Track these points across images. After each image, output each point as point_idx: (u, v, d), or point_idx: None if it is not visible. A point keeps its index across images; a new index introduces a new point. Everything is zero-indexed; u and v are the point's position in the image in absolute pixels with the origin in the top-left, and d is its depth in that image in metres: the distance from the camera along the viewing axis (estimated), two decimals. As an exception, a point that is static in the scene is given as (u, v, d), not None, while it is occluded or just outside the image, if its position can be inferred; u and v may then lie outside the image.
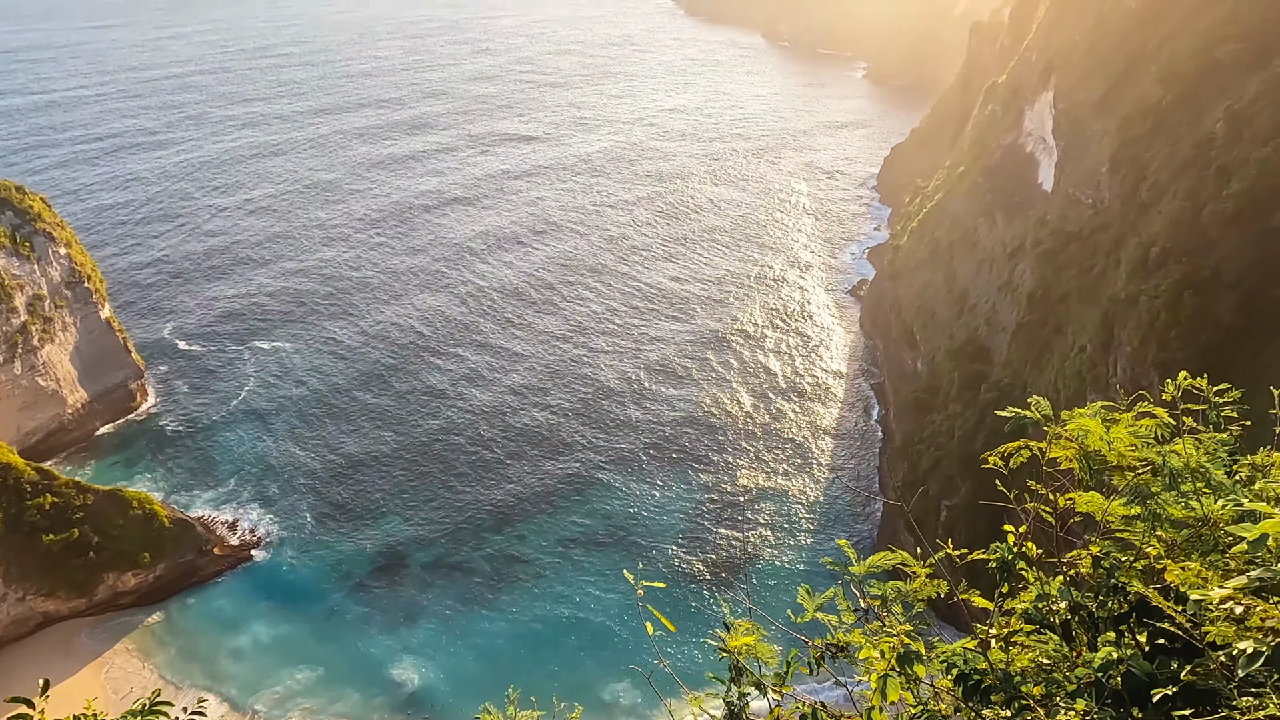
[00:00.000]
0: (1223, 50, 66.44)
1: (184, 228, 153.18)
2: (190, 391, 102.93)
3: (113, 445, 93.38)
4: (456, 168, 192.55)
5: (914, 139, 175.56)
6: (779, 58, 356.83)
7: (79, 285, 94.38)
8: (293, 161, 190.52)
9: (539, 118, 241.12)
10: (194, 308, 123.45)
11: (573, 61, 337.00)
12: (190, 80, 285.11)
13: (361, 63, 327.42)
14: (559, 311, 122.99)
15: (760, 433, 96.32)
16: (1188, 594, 4.32)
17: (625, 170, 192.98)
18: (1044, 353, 73.54)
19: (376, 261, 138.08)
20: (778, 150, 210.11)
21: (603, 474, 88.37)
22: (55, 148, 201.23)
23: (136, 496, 75.07)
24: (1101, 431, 5.35)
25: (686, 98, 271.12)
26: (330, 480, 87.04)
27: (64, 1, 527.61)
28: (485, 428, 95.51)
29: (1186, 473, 5.20)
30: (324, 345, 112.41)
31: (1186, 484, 5.15)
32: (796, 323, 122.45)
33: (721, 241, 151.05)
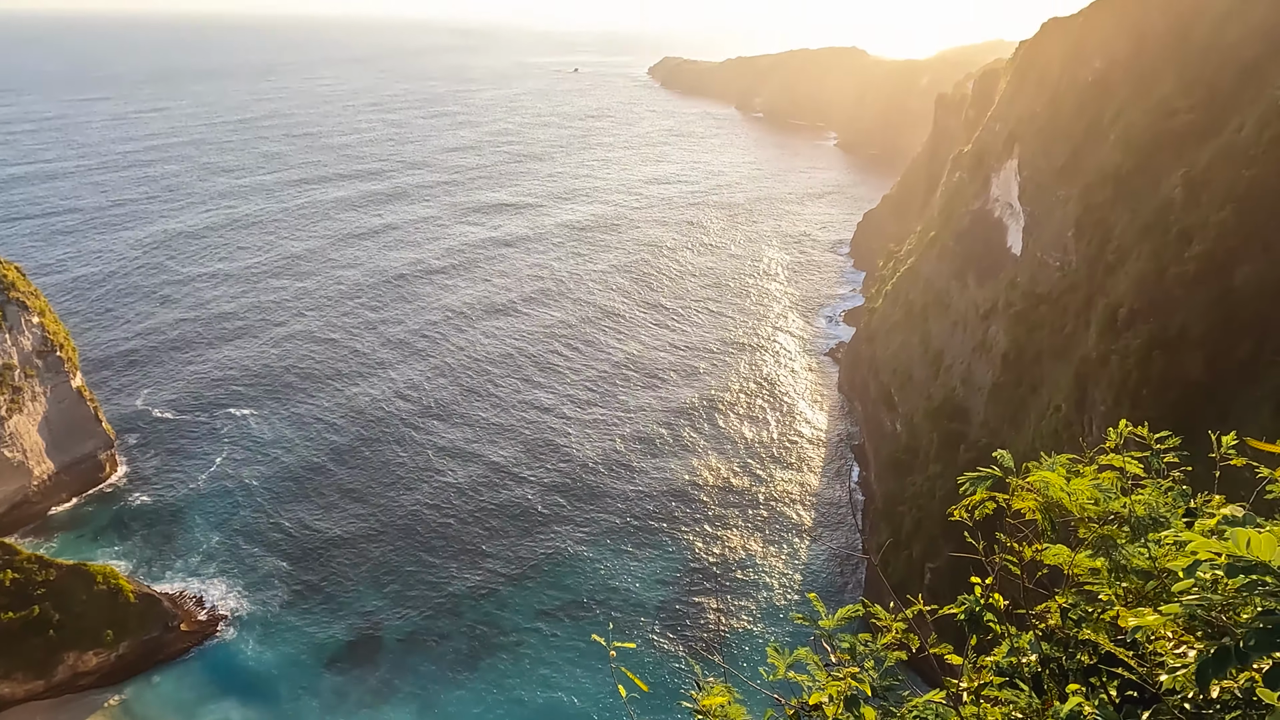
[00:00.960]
0: (1175, 121, 69.34)
1: (159, 298, 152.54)
2: (161, 462, 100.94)
3: (80, 518, 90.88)
4: (434, 238, 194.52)
5: (885, 205, 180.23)
6: (753, 128, 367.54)
7: (51, 354, 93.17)
8: (270, 233, 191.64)
9: (517, 188, 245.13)
10: (168, 378, 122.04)
11: (551, 133, 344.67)
12: (170, 152, 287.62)
13: (341, 135, 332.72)
14: (536, 382, 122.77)
15: (740, 499, 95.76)
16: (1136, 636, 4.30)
17: (603, 240, 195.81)
18: (1020, 412, 74.29)
19: (353, 332, 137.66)
20: (753, 218, 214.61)
21: (580, 546, 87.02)
22: (32, 219, 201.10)
23: (101, 571, 72.76)
24: (1061, 483, 5.39)
25: (663, 168, 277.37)
26: (302, 554, 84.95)
27: (51, 75, 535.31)
28: (461, 501, 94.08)
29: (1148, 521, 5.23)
30: (298, 416, 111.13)
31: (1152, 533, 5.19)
32: (775, 387, 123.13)
33: (699, 309, 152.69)
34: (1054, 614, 5.13)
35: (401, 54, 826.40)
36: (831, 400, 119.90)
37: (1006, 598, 5.49)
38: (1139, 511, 5.27)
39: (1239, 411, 47.99)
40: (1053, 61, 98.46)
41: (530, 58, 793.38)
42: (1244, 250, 54.73)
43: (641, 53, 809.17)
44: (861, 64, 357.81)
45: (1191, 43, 75.39)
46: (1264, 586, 3.65)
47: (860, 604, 5.97)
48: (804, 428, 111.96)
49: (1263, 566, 3.66)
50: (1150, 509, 5.30)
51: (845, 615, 5.89)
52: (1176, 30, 78.75)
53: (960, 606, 5.44)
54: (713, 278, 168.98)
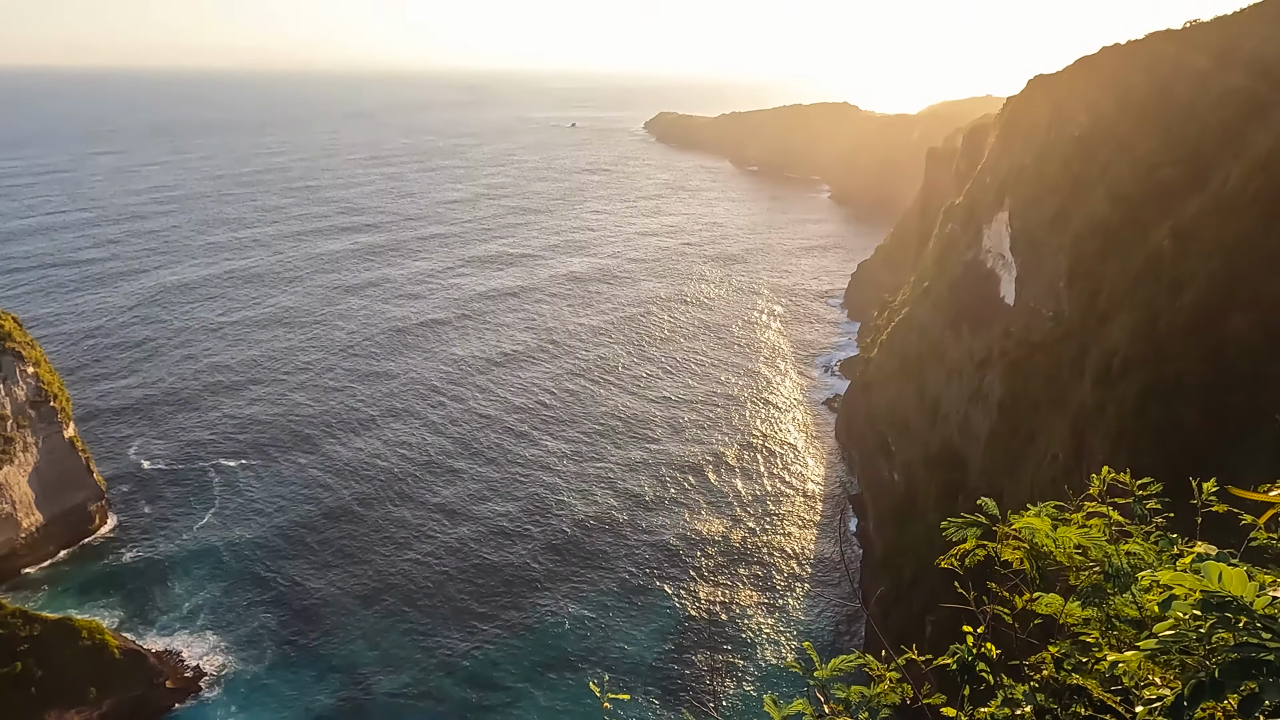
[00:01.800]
0: (1161, 173, 70.64)
1: (155, 350, 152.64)
2: (151, 515, 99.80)
3: (67, 571, 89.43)
4: (429, 292, 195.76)
5: (879, 256, 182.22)
6: (747, 181, 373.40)
7: (44, 405, 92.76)
8: (266, 285, 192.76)
9: (513, 241, 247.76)
10: (161, 429, 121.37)
11: (548, 186, 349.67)
12: (169, 206, 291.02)
13: (341, 188, 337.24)
14: (530, 437, 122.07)
15: (737, 552, 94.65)
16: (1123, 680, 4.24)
17: (598, 292, 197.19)
18: (1018, 461, 74.02)
19: (347, 386, 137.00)
20: (749, 269, 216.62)
21: (573, 603, 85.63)
22: (31, 270, 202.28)
23: (87, 626, 71.34)
24: (1047, 528, 5.37)
25: (659, 220, 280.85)
26: (291, 610, 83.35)
27: (55, 130, 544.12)
28: (453, 558, 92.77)
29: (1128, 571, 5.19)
30: (290, 470, 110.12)
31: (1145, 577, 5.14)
32: (771, 438, 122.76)
33: (695, 361, 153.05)
34: (1048, 664, 5.07)
35: (401, 109, 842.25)
36: (829, 450, 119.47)
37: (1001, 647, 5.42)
38: (1121, 562, 5.23)
39: (1236, 461, 47.87)
40: (1040, 117, 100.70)
41: (528, 113, 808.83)
42: (1234, 300, 55.26)
43: (638, 108, 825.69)
44: (853, 118, 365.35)
45: (1173, 101, 77.28)
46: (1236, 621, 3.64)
47: (854, 654, 5.88)
48: (801, 479, 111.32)
49: (1236, 603, 3.66)
50: (1134, 558, 5.27)
51: (839, 665, 5.80)
52: (1157, 89, 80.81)
53: (952, 657, 5.35)
54: (708, 329, 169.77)
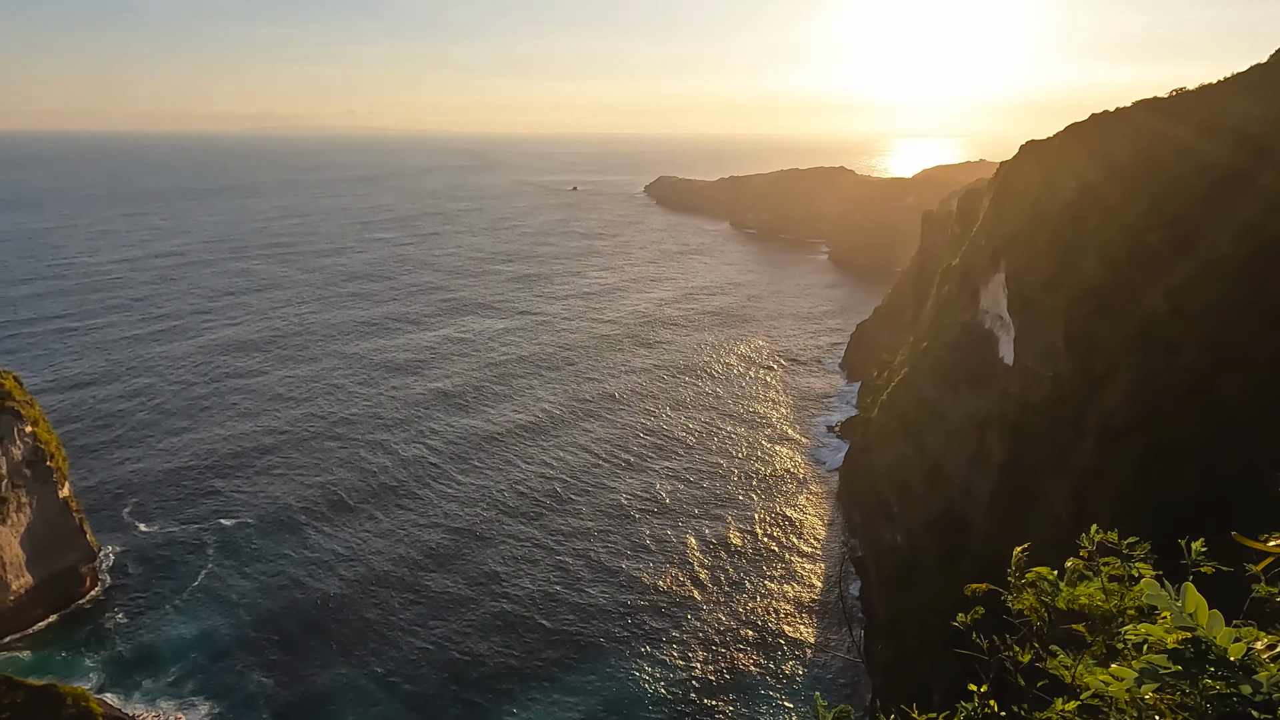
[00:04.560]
0: (1149, 238, 71.85)
1: (154, 411, 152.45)
2: (143, 576, 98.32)
3: (54, 634, 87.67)
4: (431, 361, 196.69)
5: (876, 317, 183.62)
6: (745, 244, 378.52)
7: (40, 464, 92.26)
8: (266, 351, 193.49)
9: (511, 308, 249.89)
10: (156, 488, 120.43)
11: (551, 248, 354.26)
12: (179, 270, 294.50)
13: (340, 254, 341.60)
14: (535, 513, 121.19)
15: (737, 614, 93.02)
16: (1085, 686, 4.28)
17: (596, 362, 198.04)
18: (1020, 524, 73.34)
19: (351, 453, 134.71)
20: (748, 330, 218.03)
21: (579, 653, 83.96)
22: (36, 327, 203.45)
23: (72, 693, 69.54)
24: (1052, 576, 5.47)
25: (657, 282, 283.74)
26: (286, 677, 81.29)
27: (80, 192, 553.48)
28: (451, 625, 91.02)
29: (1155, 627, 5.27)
30: (289, 536, 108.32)
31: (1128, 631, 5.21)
32: (772, 499, 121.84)
33: (692, 423, 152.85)
34: None
35: (403, 174, 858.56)
36: (829, 512, 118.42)
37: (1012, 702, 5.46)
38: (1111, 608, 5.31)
39: (1239, 524, 47.53)
40: (1031, 182, 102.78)
41: (529, 177, 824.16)
42: (1227, 362, 55.65)
43: (638, 172, 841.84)
44: (849, 182, 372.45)
45: (1157, 170, 79.08)
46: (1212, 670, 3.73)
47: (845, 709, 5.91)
48: (802, 541, 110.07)
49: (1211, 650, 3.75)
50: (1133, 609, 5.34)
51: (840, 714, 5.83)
52: (1143, 158, 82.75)
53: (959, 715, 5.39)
54: (705, 390, 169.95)
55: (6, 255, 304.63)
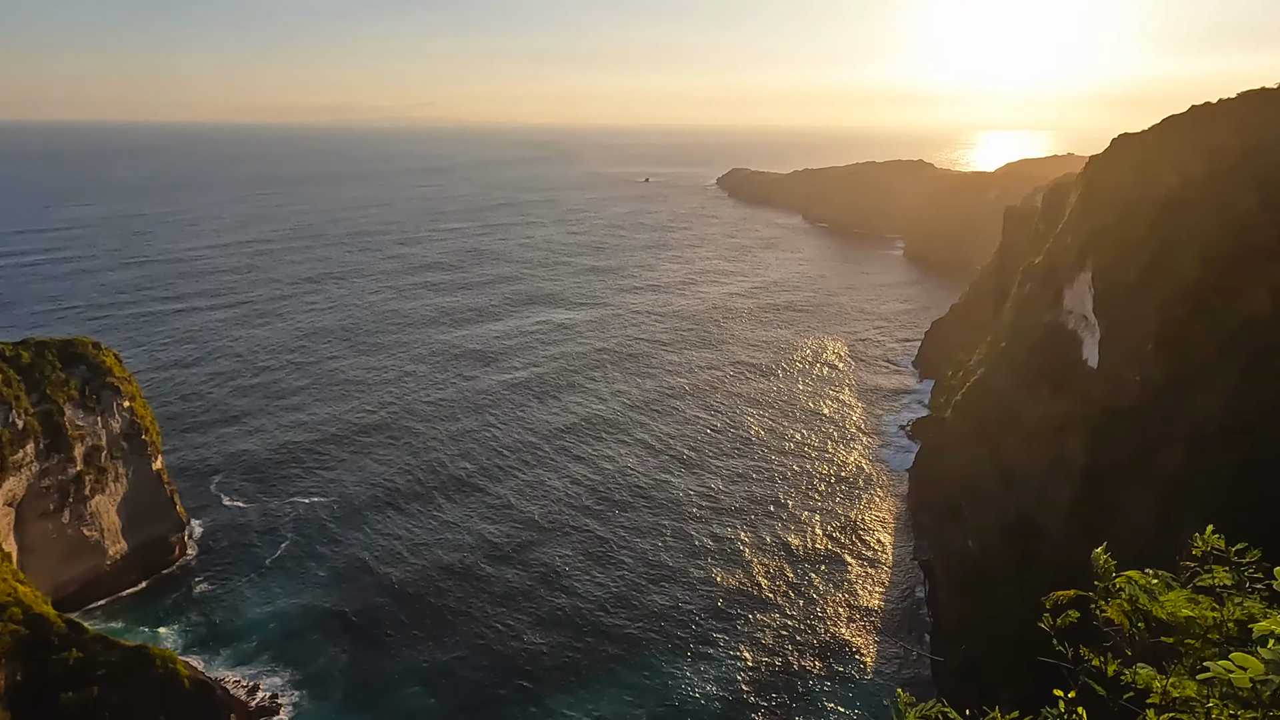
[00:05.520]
0: (1258, 236, 67.76)
1: (243, 391, 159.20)
2: (226, 548, 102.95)
3: (145, 598, 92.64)
4: (508, 351, 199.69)
5: (954, 315, 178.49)
6: (818, 238, 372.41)
7: (137, 438, 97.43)
8: (348, 340, 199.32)
9: (586, 299, 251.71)
10: (242, 464, 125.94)
11: (620, 239, 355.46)
12: (264, 257, 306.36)
13: (417, 244, 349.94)
14: (597, 508, 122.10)
15: (801, 613, 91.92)
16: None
17: (664, 356, 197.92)
18: (1100, 533, 70.36)
19: (429, 441, 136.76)
20: (819, 326, 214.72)
21: (636, 650, 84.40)
22: (131, 307, 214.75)
23: (160, 655, 73.31)
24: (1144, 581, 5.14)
25: (728, 276, 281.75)
26: (359, 652, 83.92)
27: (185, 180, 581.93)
28: (519, 611, 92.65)
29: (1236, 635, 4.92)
30: (367, 515, 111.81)
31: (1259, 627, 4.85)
32: (840, 499, 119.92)
33: (759, 416, 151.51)
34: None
35: (482, 165, 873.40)
36: (898, 514, 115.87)
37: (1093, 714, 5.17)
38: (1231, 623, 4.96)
39: (1346, 541, 44.58)
40: (1124, 177, 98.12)
41: (601, 168, 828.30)
42: (1340, 369, 52.15)
43: (710, 164, 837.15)
44: (928, 176, 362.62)
45: (1269, 161, 74.39)
46: None
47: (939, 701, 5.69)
48: (868, 542, 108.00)
49: None
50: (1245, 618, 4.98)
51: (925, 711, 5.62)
52: (1249, 148, 77.99)
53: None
54: (772, 387, 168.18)
55: (104, 241, 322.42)
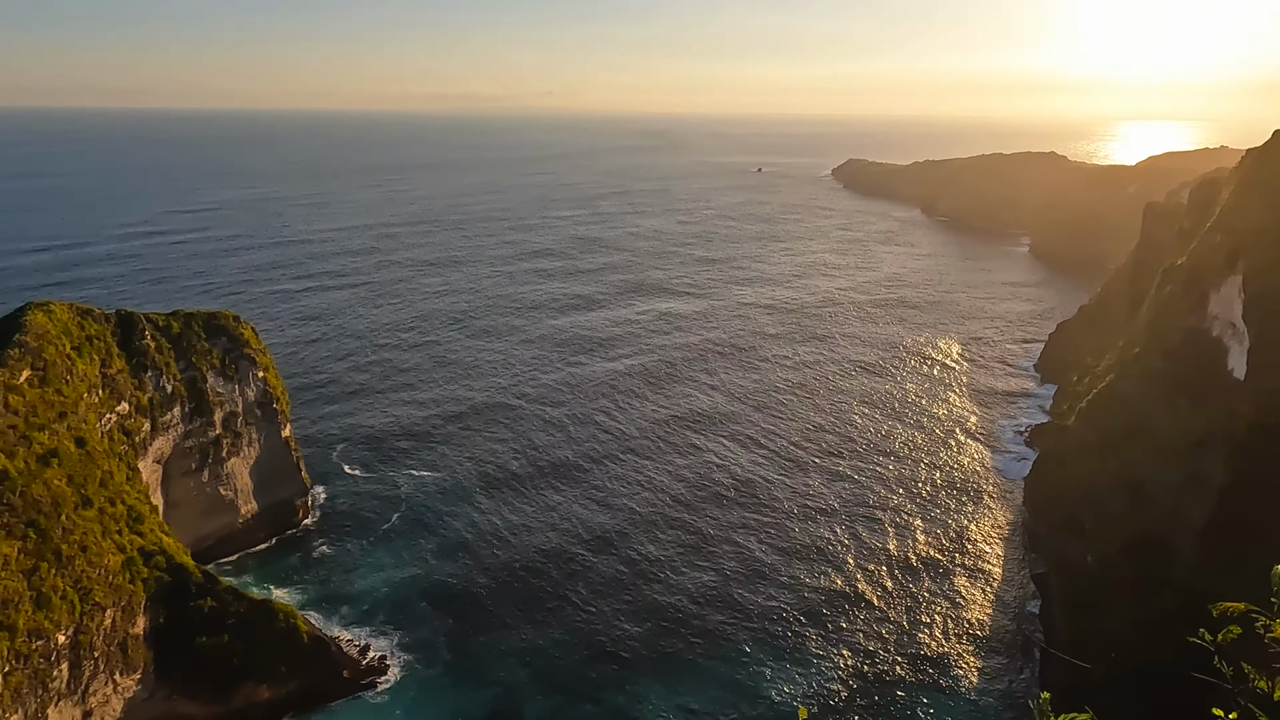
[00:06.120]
0: None
1: (358, 369, 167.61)
2: (345, 514, 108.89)
3: (271, 556, 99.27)
4: (622, 338, 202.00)
5: (1082, 317, 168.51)
6: (937, 232, 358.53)
7: (269, 406, 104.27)
8: (463, 323, 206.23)
9: (694, 289, 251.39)
10: (361, 432, 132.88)
11: (733, 232, 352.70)
12: (387, 240, 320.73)
13: (538, 224, 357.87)
14: (696, 502, 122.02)
15: (905, 620, 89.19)
16: None
17: (771, 350, 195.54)
18: (1240, 558, 65.11)
19: (525, 430, 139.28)
20: (933, 324, 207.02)
21: (728, 646, 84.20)
22: (264, 285, 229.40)
23: (283, 609, 78.45)
24: None
25: (841, 270, 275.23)
26: (461, 622, 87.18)
27: (314, 165, 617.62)
28: (610, 603, 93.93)
29: None
30: (468, 495, 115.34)
31: None
32: (950, 504, 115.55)
33: (867, 415, 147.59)
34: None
35: (595, 153, 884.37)
36: (1010, 524, 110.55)
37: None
38: None
39: None
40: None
41: (713, 158, 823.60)
42: None
43: (825, 154, 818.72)
44: (1060, 169, 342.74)
45: None
46: None
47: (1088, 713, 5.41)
48: (976, 553, 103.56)
49: None
50: None
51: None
52: None
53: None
54: (882, 387, 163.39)
55: (244, 222, 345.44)
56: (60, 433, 71.83)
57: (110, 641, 66.58)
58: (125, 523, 72.82)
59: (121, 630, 67.87)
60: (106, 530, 69.98)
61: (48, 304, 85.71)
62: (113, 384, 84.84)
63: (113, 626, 66.97)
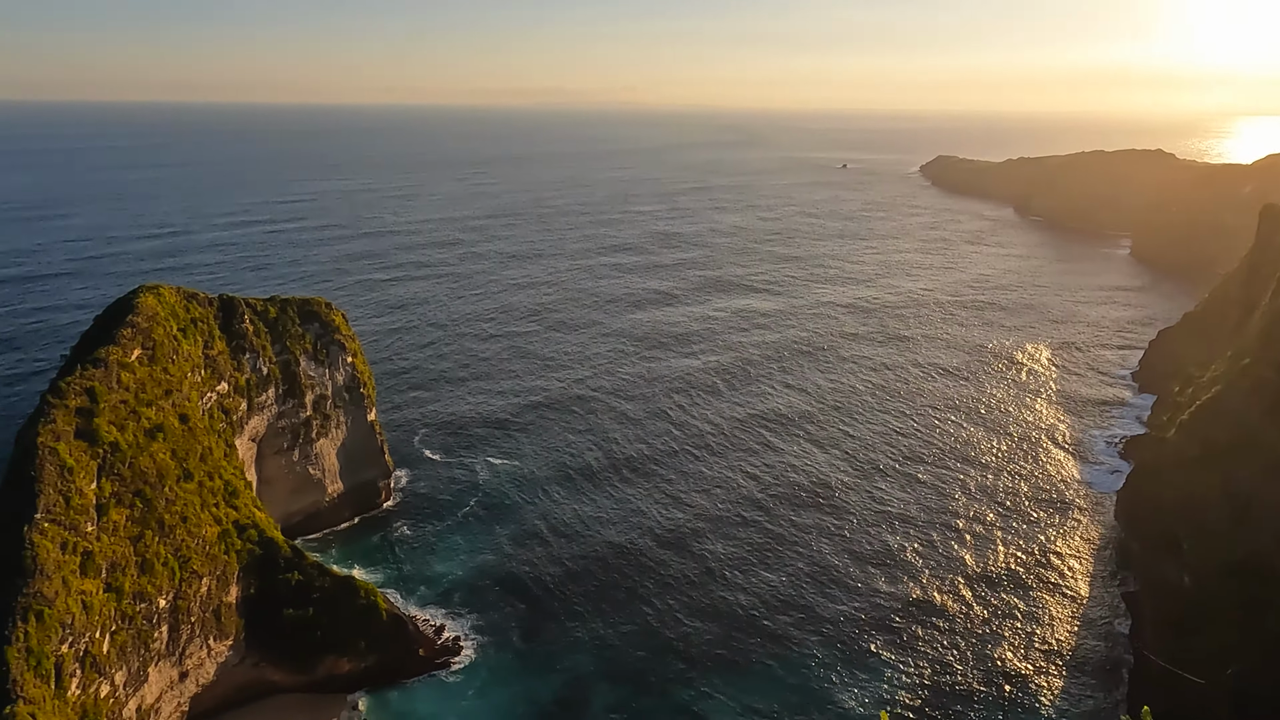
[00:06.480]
0: None
1: (440, 358, 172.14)
2: (425, 498, 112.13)
3: (354, 535, 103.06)
4: (684, 337, 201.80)
5: (1186, 324, 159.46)
6: (1031, 233, 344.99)
7: (356, 390, 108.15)
8: (542, 317, 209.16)
9: (774, 287, 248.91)
10: (441, 419, 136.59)
11: (815, 229, 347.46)
12: (471, 232, 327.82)
13: (618, 219, 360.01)
14: (769, 505, 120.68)
15: (979, 640, 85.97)
16: None
17: (852, 351, 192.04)
18: (1357, 587, 60.68)
19: (601, 424, 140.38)
20: (1023, 328, 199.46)
21: (798, 650, 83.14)
22: (352, 274, 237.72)
23: (365, 586, 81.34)
24: None
25: (927, 270, 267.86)
26: (532, 608, 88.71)
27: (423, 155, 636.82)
28: (679, 602, 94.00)
29: None
30: (544, 485, 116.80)
31: None
32: (1038, 515, 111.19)
33: (950, 418, 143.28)
34: None
35: (676, 149, 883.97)
36: (1099, 540, 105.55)
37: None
38: None
39: None
40: None
41: (795, 153, 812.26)
42: None
43: (913, 150, 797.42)
44: (1166, 168, 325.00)
45: None
46: None
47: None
48: (1062, 565, 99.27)
49: None
50: None
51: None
52: None
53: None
54: (968, 392, 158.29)
55: (337, 212, 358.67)
56: (166, 409, 76.16)
57: (206, 608, 70.35)
58: (222, 496, 76.75)
59: (216, 598, 71.62)
60: (205, 503, 73.93)
61: (157, 287, 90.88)
62: (214, 364, 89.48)
63: (208, 594, 70.74)
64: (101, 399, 69.41)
